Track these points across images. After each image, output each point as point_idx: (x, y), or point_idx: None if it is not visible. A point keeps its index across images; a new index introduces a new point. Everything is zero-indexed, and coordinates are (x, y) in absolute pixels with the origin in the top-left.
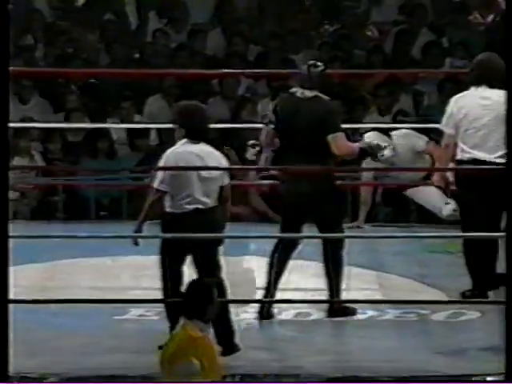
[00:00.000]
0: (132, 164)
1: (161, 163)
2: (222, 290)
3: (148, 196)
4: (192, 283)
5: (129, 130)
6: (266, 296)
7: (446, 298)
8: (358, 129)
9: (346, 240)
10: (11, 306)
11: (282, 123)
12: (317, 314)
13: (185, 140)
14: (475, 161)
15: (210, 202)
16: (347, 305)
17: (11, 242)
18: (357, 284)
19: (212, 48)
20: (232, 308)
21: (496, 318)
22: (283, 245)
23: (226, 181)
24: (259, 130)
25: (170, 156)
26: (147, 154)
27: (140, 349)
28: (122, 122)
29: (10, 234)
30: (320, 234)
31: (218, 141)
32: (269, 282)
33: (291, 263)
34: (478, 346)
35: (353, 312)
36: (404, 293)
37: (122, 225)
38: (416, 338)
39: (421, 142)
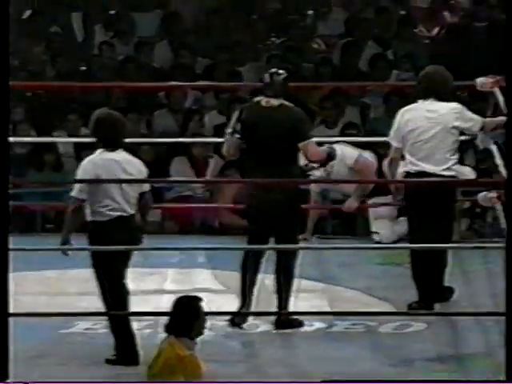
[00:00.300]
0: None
1: (78, 173)
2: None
3: (68, 206)
4: (178, 300)
5: (75, 142)
6: (241, 307)
7: (393, 310)
8: None
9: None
10: None
11: (249, 133)
12: (265, 326)
13: (101, 149)
14: (423, 173)
15: (130, 209)
16: (294, 317)
17: None
18: (305, 296)
19: (159, 60)
20: None
21: (442, 330)
22: (251, 255)
23: (146, 188)
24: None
25: (87, 165)
26: None
27: (87, 362)
28: (69, 135)
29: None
30: (270, 246)
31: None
32: (244, 293)
33: (238, 276)
34: (425, 356)
35: (300, 324)
36: (352, 304)
37: (72, 237)
38: (364, 350)
39: (348, 160)
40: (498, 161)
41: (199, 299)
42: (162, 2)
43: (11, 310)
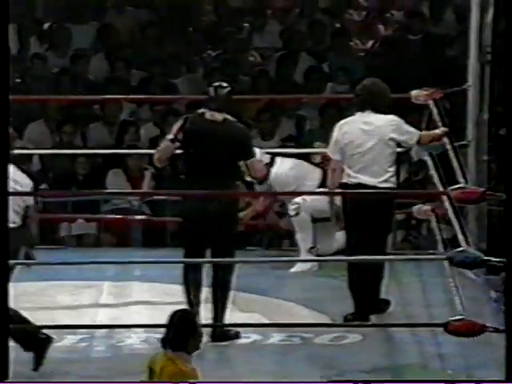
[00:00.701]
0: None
1: None
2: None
3: None
4: (174, 314)
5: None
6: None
7: (329, 322)
8: None
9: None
10: None
11: (191, 143)
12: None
13: None
14: (360, 185)
15: (18, 220)
16: (230, 329)
17: None
18: (241, 308)
19: (95, 73)
20: (117, 334)
21: (377, 341)
22: (191, 267)
23: (30, 201)
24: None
25: None
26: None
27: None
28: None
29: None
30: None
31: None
32: (190, 306)
33: (174, 288)
34: (360, 368)
35: (236, 335)
36: (288, 316)
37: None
38: (300, 362)
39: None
40: (433, 172)
41: (195, 313)
42: (98, 14)
43: None
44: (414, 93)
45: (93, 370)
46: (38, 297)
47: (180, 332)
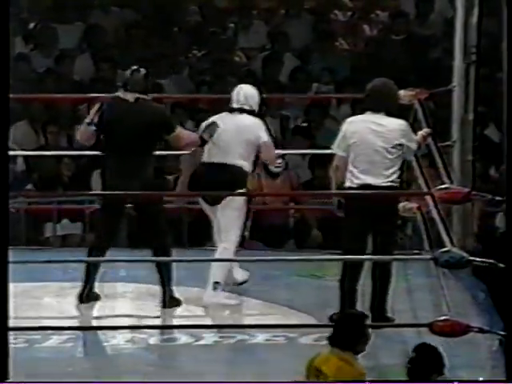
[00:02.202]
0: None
1: None
2: None
3: None
4: (347, 315)
5: None
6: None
7: (313, 322)
8: None
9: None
10: None
11: (106, 125)
12: (185, 338)
13: None
14: (366, 186)
15: None
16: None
17: None
18: (227, 309)
19: (80, 73)
20: (102, 334)
21: None
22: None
23: None
24: None
25: None
26: (13, 181)
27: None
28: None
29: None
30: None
31: None
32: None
33: (158, 289)
34: None
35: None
36: (273, 316)
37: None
38: (285, 361)
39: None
40: (417, 172)
41: (365, 315)
42: (83, 14)
43: None
44: (399, 93)
45: (78, 370)
46: (23, 298)
47: (351, 333)
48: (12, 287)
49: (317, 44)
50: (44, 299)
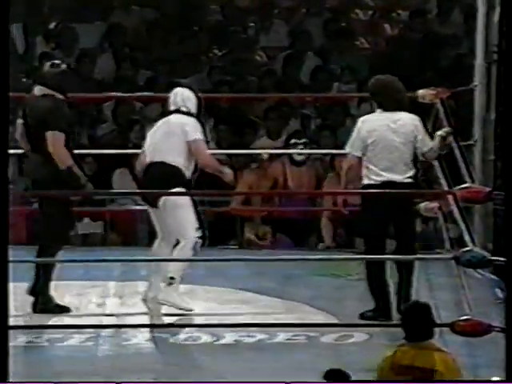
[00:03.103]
0: (21, 188)
1: None
2: None
3: None
4: (419, 305)
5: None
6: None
7: (334, 321)
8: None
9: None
10: None
11: (25, 119)
12: (205, 337)
13: None
14: (387, 183)
15: None
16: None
17: None
18: (247, 308)
19: (101, 72)
20: (122, 333)
21: (383, 340)
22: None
23: None
24: None
25: None
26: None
27: (29, 375)
28: (11, 147)
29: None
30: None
31: None
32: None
33: (180, 287)
34: (366, 368)
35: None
36: (294, 316)
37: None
38: (305, 361)
39: None
40: (439, 172)
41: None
42: (104, 14)
43: None
44: (420, 92)
45: (99, 369)
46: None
47: (427, 322)
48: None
49: (338, 43)
50: (64, 297)
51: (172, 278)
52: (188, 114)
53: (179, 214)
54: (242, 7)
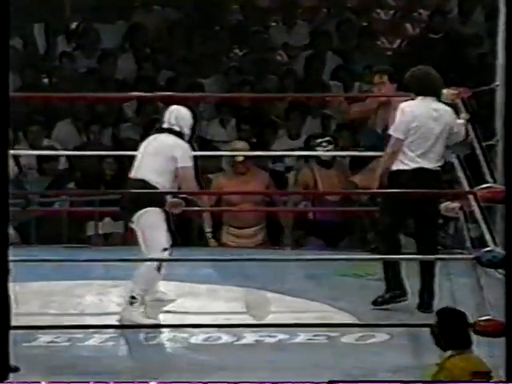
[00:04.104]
0: (41, 188)
1: None
2: None
3: None
4: (454, 312)
5: (38, 154)
6: None
7: (355, 321)
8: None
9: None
10: None
11: None
12: (226, 337)
13: None
14: (421, 169)
15: None
16: None
17: None
18: (267, 307)
19: (122, 72)
20: (144, 333)
21: (404, 341)
22: None
23: None
24: None
25: None
26: (56, 179)
27: (50, 375)
28: (31, 147)
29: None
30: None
31: None
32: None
33: (201, 287)
34: (386, 368)
35: None
36: (314, 316)
37: (30, 250)
38: (326, 361)
39: None
40: (460, 172)
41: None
42: (126, 13)
43: None
44: (442, 91)
45: (120, 369)
46: (65, 296)
47: (465, 329)
48: (54, 285)
49: (359, 43)
50: (86, 297)
51: (133, 298)
52: (180, 134)
53: (149, 233)
54: (263, 7)
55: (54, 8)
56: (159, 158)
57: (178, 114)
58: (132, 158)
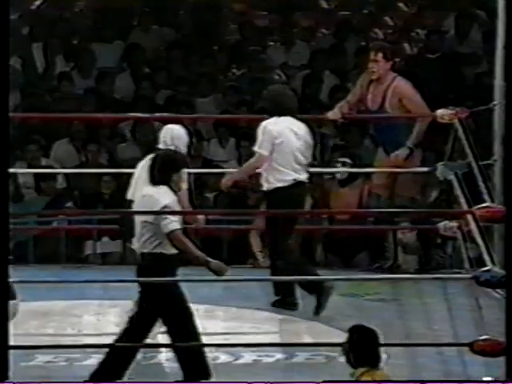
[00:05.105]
0: (39, 208)
1: None
2: None
3: None
4: (364, 330)
5: (35, 173)
6: None
7: None
8: None
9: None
10: None
11: None
12: (224, 357)
13: None
14: (298, 182)
15: None
16: None
17: None
18: (266, 327)
19: (120, 92)
20: (143, 353)
21: (402, 360)
22: None
23: None
24: None
25: None
26: (54, 198)
27: None
28: (29, 166)
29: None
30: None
31: None
32: None
33: (198, 308)
34: None
35: None
36: (312, 335)
37: (28, 269)
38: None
39: None
40: (458, 191)
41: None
42: (123, 33)
43: None
44: (439, 112)
45: None
46: (63, 316)
47: (374, 347)
48: (52, 305)
49: (356, 62)
50: (84, 317)
51: None
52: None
53: None
54: (261, 27)
55: (53, 27)
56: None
57: (172, 134)
58: (130, 176)
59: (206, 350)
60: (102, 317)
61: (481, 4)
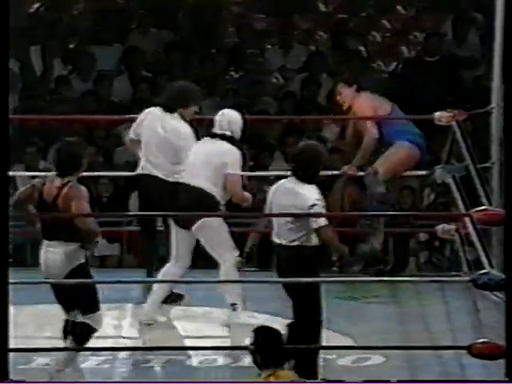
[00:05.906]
0: None
1: None
2: None
3: None
4: (270, 331)
5: (34, 176)
6: None
7: (351, 343)
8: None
9: (251, 286)
10: None
11: None
12: (222, 360)
13: None
14: (151, 176)
15: None
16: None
17: None
18: None
19: (118, 94)
20: (140, 356)
21: (401, 363)
22: None
23: None
24: None
25: None
26: None
27: None
28: (27, 169)
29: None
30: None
31: None
32: None
33: (196, 310)
34: None
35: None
36: None
37: (26, 272)
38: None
39: None
40: (456, 194)
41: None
42: (122, 36)
43: None
44: (437, 114)
45: None
46: (61, 319)
47: (279, 348)
48: (50, 308)
49: (354, 65)
50: None
51: (234, 304)
52: (232, 139)
53: (216, 236)
54: (259, 29)
55: (51, 30)
56: (212, 166)
57: (230, 119)
58: (127, 179)
59: (205, 352)
60: None
61: (479, 7)
